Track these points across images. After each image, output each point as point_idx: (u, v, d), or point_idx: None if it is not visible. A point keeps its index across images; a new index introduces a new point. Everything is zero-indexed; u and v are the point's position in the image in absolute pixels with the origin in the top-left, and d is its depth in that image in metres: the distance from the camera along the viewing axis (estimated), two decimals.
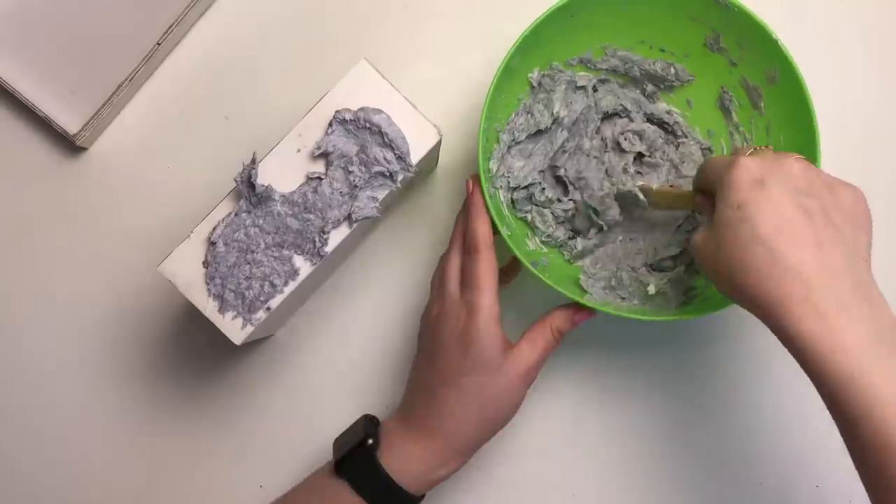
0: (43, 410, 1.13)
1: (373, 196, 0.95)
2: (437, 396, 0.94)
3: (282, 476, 1.12)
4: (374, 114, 0.95)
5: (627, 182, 1.05)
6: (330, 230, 0.94)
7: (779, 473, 1.13)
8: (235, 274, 0.94)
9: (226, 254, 0.94)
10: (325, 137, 0.94)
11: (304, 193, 0.94)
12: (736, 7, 1.01)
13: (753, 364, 1.13)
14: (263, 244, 0.94)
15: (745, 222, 0.79)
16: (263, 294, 0.94)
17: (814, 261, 0.78)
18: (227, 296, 0.94)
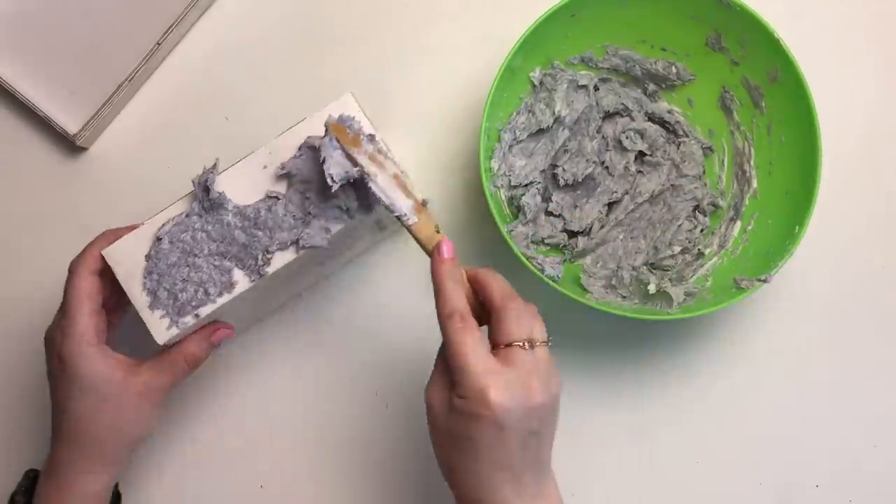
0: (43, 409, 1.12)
1: (325, 227, 0.94)
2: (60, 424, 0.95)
3: (282, 476, 1.12)
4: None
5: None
6: (275, 251, 0.93)
7: (779, 473, 1.12)
8: (173, 274, 0.93)
9: (168, 252, 0.93)
10: (291, 160, 0.94)
11: (257, 209, 0.93)
12: (738, 6, 1.01)
13: (753, 364, 1.13)
14: (207, 250, 0.93)
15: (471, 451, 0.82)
16: (196, 300, 0.93)
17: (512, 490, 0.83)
18: (161, 293, 0.93)
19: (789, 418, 1.13)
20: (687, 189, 1.10)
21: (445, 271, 0.87)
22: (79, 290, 0.93)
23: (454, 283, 0.87)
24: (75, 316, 0.92)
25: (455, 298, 0.86)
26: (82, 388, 0.92)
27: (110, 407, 0.94)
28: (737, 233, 1.08)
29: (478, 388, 0.81)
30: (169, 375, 0.96)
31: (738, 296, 0.98)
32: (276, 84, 1.15)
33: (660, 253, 1.09)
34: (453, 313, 0.85)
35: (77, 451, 0.95)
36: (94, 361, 0.92)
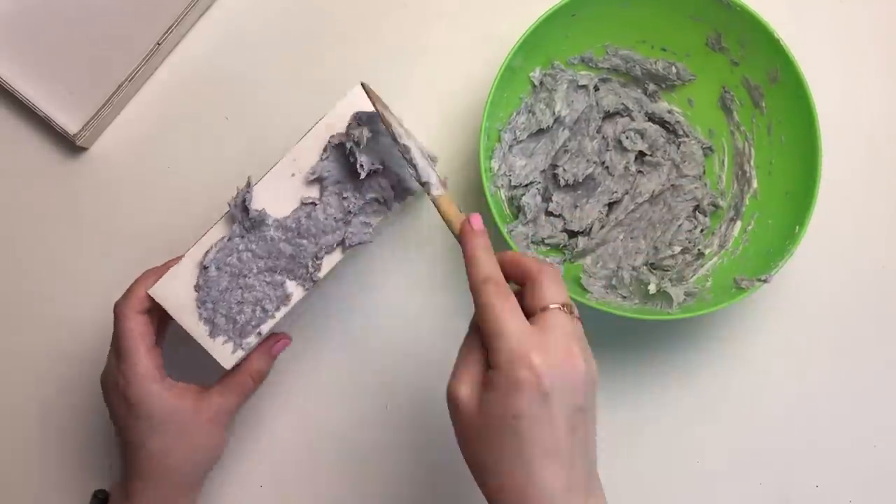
0: (43, 409, 1.13)
1: (366, 222, 0.95)
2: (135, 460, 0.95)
3: (282, 476, 1.12)
4: (369, 138, 0.94)
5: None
6: (323, 256, 0.94)
7: (779, 473, 1.12)
8: (227, 298, 0.93)
9: (218, 278, 0.93)
10: (319, 163, 0.94)
11: (297, 219, 0.94)
12: (738, 6, 1.01)
13: (753, 364, 1.13)
14: (256, 269, 0.94)
15: (515, 435, 0.76)
16: (255, 319, 0.94)
17: (563, 482, 0.76)
18: (218, 320, 0.93)
19: (789, 418, 1.13)
20: (687, 189, 1.10)
21: (478, 242, 0.85)
22: (131, 332, 0.93)
23: (487, 252, 0.84)
24: (133, 358, 0.93)
25: (489, 264, 0.83)
26: (154, 426, 0.94)
27: (185, 438, 0.95)
28: (737, 233, 1.08)
29: (519, 351, 0.76)
30: (237, 396, 0.98)
31: (738, 296, 0.98)
32: (276, 84, 1.15)
33: (660, 253, 1.09)
34: (488, 278, 0.81)
35: (155, 484, 0.96)
36: (162, 399, 0.93)
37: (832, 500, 1.13)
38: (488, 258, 0.83)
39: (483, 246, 0.84)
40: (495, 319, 0.78)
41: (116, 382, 0.94)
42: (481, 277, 0.82)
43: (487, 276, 0.82)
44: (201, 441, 0.97)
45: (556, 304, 0.80)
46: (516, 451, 0.76)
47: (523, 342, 0.76)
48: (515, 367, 0.76)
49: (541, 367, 0.75)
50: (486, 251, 0.84)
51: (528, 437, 0.75)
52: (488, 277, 0.81)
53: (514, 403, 0.75)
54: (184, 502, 0.99)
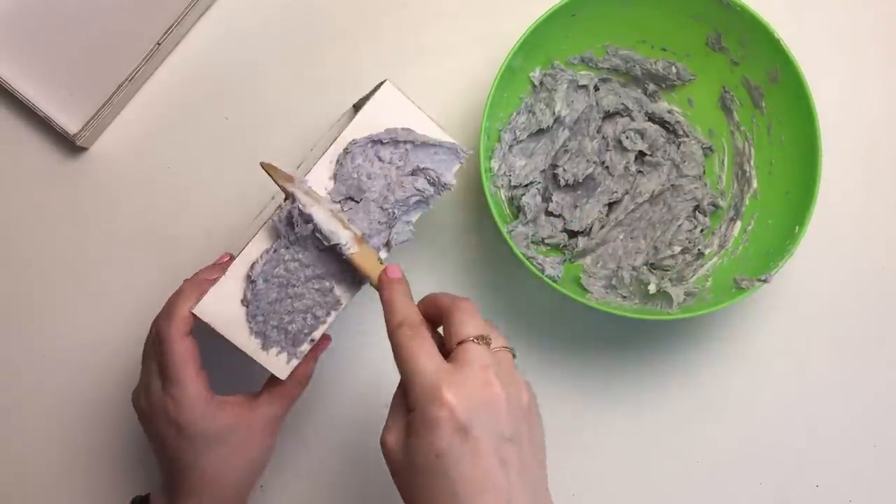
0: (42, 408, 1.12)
1: (408, 220, 0.94)
2: (185, 480, 0.94)
3: (282, 476, 1.12)
4: (407, 140, 0.94)
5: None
6: None
7: (779, 473, 1.13)
8: (277, 310, 0.92)
9: (266, 290, 0.92)
10: (359, 164, 0.94)
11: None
12: (738, 6, 1.01)
13: (753, 364, 1.13)
14: (303, 277, 0.92)
15: (442, 476, 0.73)
16: (307, 327, 0.93)
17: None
18: (270, 332, 0.92)
19: (789, 418, 1.13)
20: (687, 189, 1.10)
21: (394, 288, 0.85)
22: (180, 356, 0.90)
23: (403, 297, 0.84)
24: (184, 383, 0.90)
25: (404, 309, 0.82)
26: (210, 445, 0.92)
27: (239, 453, 0.94)
28: (737, 233, 1.08)
29: (430, 389, 0.75)
30: (286, 402, 0.97)
31: (738, 296, 0.98)
32: (276, 84, 1.15)
33: (660, 253, 1.09)
34: (402, 322, 0.81)
35: (209, 498, 0.94)
36: (215, 419, 0.92)
37: (832, 500, 1.13)
38: (404, 303, 0.83)
39: (399, 292, 0.84)
40: (408, 361, 0.77)
41: (165, 407, 0.91)
42: (395, 322, 0.81)
43: (401, 320, 0.81)
44: (254, 452, 0.96)
45: (470, 338, 0.78)
46: (449, 493, 0.73)
47: (435, 380, 0.75)
48: (429, 405, 0.74)
49: (454, 402, 0.73)
50: (402, 296, 0.84)
51: (455, 475, 0.73)
52: (402, 321, 0.81)
53: (434, 442, 0.74)
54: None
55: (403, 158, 0.93)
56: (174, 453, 0.93)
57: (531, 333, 1.13)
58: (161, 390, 0.92)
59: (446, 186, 0.94)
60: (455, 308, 0.81)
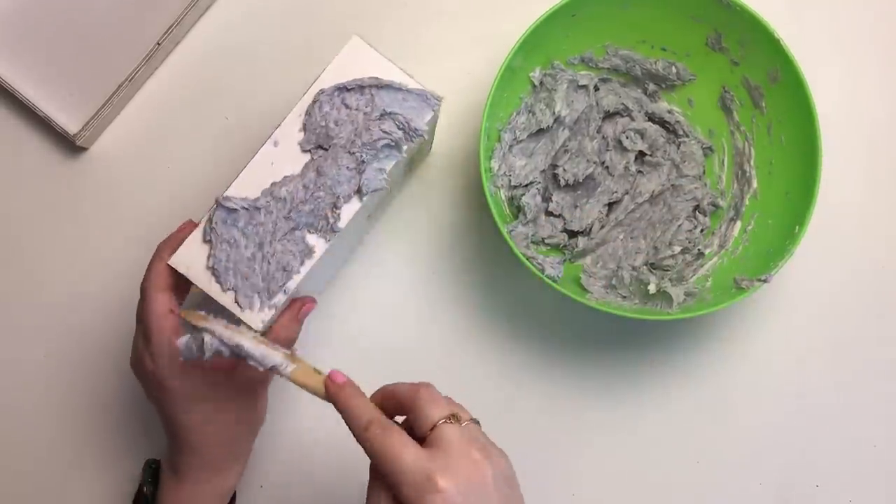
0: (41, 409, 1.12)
1: (380, 168, 0.94)
2: (177, 436, 0.95)
3: (282, 476, 1.12)
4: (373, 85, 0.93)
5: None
6: (342, 205, 0.93)
7: (779, 473, 1.12)
8: (250, 263, 0.92)
9: (237, 242, 0.92)
10: (326, 112, 0.93)
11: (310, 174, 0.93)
12: (738, 6, 1.01)
13: (753, 364, 1.13)
14: (275, 228, 0.92)
15: None
16: (281, 277, 0.93)
17: None
18: (242, 283, 0.92)
19: (789, 418, 1.13)
20: (687, 189, 1.10)
21: (346, 393, 0.84)
22: (155, 312, 0.91)
23: (359, 399, 0.83)
24: (159, 337, 0.90)
25: (365, 411, 0.82)
26: (189, 401, 0.92)
27: (221, 410, 0.94)
28: (737, 233, 1.08)
29: (422, 481, 0.75)
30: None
31: (738, 296, 0.98)
32: (275, 84, 1.15)
33: (660, 253, 1.09)
34: (370, 422, 0.80)
35: (202, 457, 0.95)
36: (193, 375, 0.92)
37: (832, 500, 1.13)
38: (362, 403, 0.83)
39: (352, 395, 0.83)
40: (390, 459, 0.78)
41: (144, 363, 0.92)
42: (362, 424, 0.81)
43: (368, 420, 0.81)
44: (237, 412, 0.96)
45: (441, 419, 0.79)
46: None
47: (425, 471, 0.76)
48: (424, 497, 0.75)
49: (449, 489, 0.75)
50: (357, 398, 0.83)
51: None
52: (369, 422, 0.81)
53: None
54: (230, 472, 0.98)
55: (370, 104, 0.92)
56: (164, 410, 0.94)
57: (531, 333, 1.13)
58: (143, 348, 0.92)
59: (417, 132, 0.93)
60: (417, 395, 0.81)
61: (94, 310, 1.13)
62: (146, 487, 1.00)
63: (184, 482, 0.96)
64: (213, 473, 0.97)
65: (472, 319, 1.13)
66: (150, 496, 0.99)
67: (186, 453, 0.95)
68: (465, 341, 1.12)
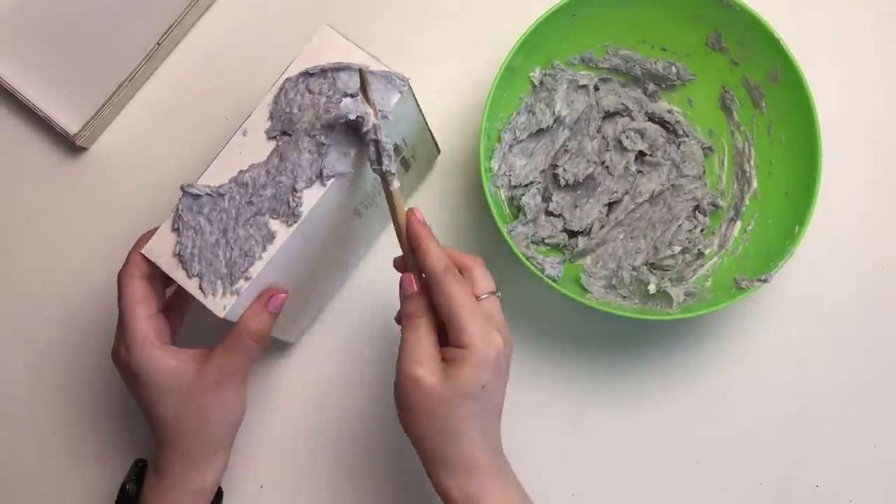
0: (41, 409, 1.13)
1: (344, 151, 0.93)
2: (154, 429, 0.95)
3: (282, 476, 1.12)
4: (335, 68, 0.93)
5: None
6: (302, 188, 0.92)
7: (779, 473, 1.12)
8: (214, 249, 0.92)
9: (203, 230, 0.92)
10: (291, 98, 0.93)
11: (273, 160, 0.92)
12: (738, 6, 1.01)
13: (753, 364, 1.13)
14: (238, 215, 0.92)
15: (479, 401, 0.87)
16: (244, 263, 0.92)
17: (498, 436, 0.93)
18: (205, 270, 0.92)
19: (789, 418, 1.13)
20: (687, 189, 1.10)
21: (428, 233, 0.90)
22: (129, 298, 0.91)
23: (436, 243, 0.90)
24: (131, 323, 0.90)
25: (444, 255, 0.89)
26: (161, 392, 0.92)
27: (193, 402, 0.93)
28: (737, 233, 1.08)
29: (486, 332, 0.86)
30: (240, 356, 0.94)
31: (738, 296, 0.98)
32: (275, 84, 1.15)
33: (660, 253, 1.09)
34: (448, 268, 0.88)
35: (179, 451, 0.95)
36: (163, 363, 0.91)
37: (832, 500, 1.12)
38: (439, 249, 0.89)
39: (431, 237, 0.90)
40: (463, 305, 0.87)
41: (120, 353, 0.92)
42: (441, 267, 0.88)
43: (446, 265, 0.88)
44: (211, 404, 0.94)
45: (490, 292, 0.91)
46: (476, 415, 0.87)
47: (486, 326, 0.87)
48: (486, 345, 0.86)
49: (500, 347, 0.87)
50: (435, 242, 0.90)
51: (488, 401, 0.88)
52: (448, 267, 0.88)
53: (483, 375, 0.86)
54: (210, 467, 0.97)
55: (332, 87, 0.92)
56: (140, 403, 0.94)
57: (531, 333, 1.13)
58: (118, 336, 0.93)
59: (382, 114, 0.93)
60: (476, 265, 0.93)
61: (94, 309, 1.13)
62: (129, 485, 0.99)
63: (163, 478, 0.96)
64: (191, 468, 0.96)
65: None
66: (132, 494, 0.99)
67: (164, 448, 0.95)
68: None
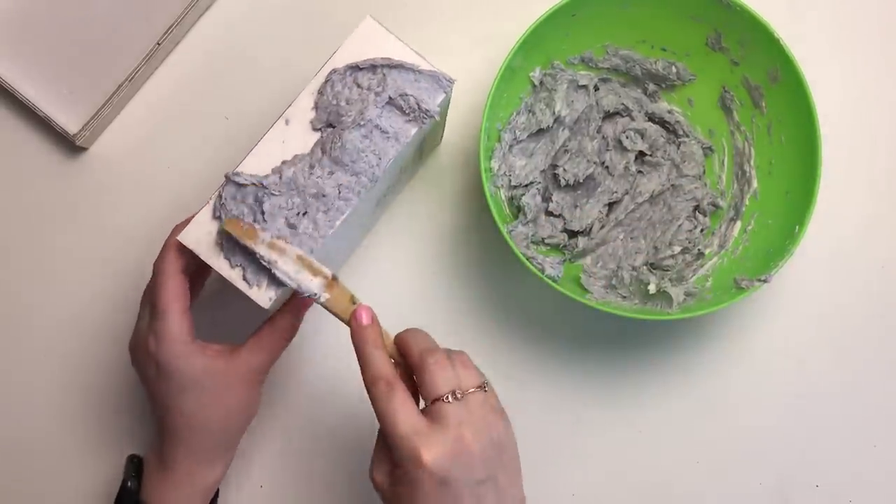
0: (41, 409, 1.12)
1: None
2: (167, 423, 0.95)
3: (282, 476, 1.12)
4: (385, 65, 0.93)
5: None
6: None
7: (779, 473, 1.12)
8: None
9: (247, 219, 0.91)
10: (338, 91, 0.93)
11: (317, 152, 0.92)
12: (738, 6, 1.01)
13: (753, 364, 1.13)
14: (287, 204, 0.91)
15: None
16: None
17: None
18: (251, 262, 0.91)
19: (789, 418, 1.13)
20: (687, 189, 1.10)
21: (364, 338, 0.87)
22: (168, 292, 0.91)
23: (375, 349, 0.86)
24: (167, 317, 0.91)
25: (377, 364, 0.86)
26: (186, 387, 0.92)
27: (216, 398, 0.94)
28: (737, 233, 1.08)
29: (409, 452, 0.81)
30: (268, 353, 0.95)
31: (737, 296, 0.98)
32: (275, 83, 1.15)
33: (660, 253, 1.09)
34: (377, 379, 0.85)
35: (191, 446, 0.95)
36: (194, 358, 0.92)
37: (832, 500, 1.13)
38: (376, 354, 0.86)
39: (370, 342, 0.87)
40: (386, 420, 0.83)
41: (146, 342, 0.92)
42: (370, 378, 0.85)
43: (375, 376, 0.85)
44: (233, 401, 0.95)
45: (442, 396, 0.83)
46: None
47: (411, 442, 0.81)
48: (411, 466, 0.81)
49: (433, 463, 0.80)
50: (373, 347, 0.87)
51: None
52: (376, 377, 0.85)
53: (416, 495, 0.82)
54: (218, 464, 0.98)
55: (381, 84, 0.92)
56: (155, 395, 0.95)
57: (531, 333, 1.13)
58: (146, 326, 0.93)
59: (428, 113, 0.92)
60: (424, 366, 0.85)
61: (94, 309, 1.13)
62: (130, 482, 0.99)
63: (169, 471, 0.96)
64: (199, 464, 0.96)
65: (471, 319, 1.13)
66: (134, 490, 0.99)
67: (175, 442, 0.95)
68: (465, 341, 1.11)
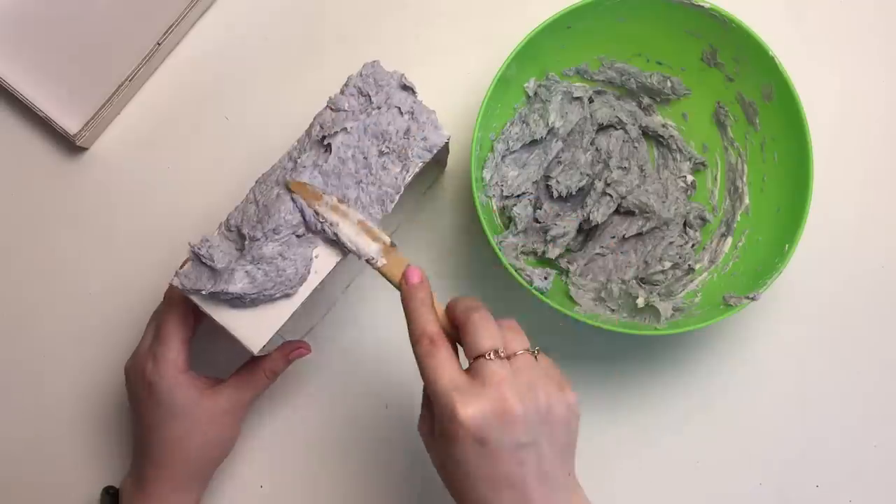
0: (42, 410, 1.14)
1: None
2: (149, 447, 0.98)
3: (282, 476, 1.13)
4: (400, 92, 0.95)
5: None
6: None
7: (779, 473, 1.13)
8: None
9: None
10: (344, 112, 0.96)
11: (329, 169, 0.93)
12: (734, 23, 1.00)
13: (753, 364, 1.13)
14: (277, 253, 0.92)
15: (464, 473, 0.80)
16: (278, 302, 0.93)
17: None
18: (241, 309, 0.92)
19: (789, 418, 1.13)
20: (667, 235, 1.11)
21: (413, 295, 0.87)
22: (175, 319, 0.96)
23: (422, 306, 0.86)
24: (169, 344, 0.95)
25: (422, 321, 0.85)
26: (174, 414, 0.96)
27: (200, 428, 0.98)
28: (727, 249, 1.07)
29: (446, 407, 0.79)
30: (250, 390, 1.00)
31: (726, 312, 0.98)
32: (276, 84, 1.15)
33: (650, 268, 1.09)
34: (421, 336, 0.84)
35: (169, 472, 0.98)
36: (185, 388, 0.96)
37: (832, 500, 1.13)
38: (421, 313, 0.86)
39: (418, 300, 0.87)
40: (426, 376, 0.83)
41: (144, 363, 0.96)
42: (415, 335, 0.85)
43: (421, 332, 0.85)
44: (216, 433, 0.99)
45: (484, 353, 0.82)
46: (471, 486, 0.80)
47: (451, 398, 0.79)
48: (447, 421, 0.79)
49: (469, 420, 0.78)
50: (420, 305, 0.87)
51: (475, 473, 0.79)
52: (422, 334, 0.85)
53: (454, 452, 0.80)
54: (192, 493, 1.01)
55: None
56: (143, 418, 0.98)
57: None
58: (147, 348, 0.97)
59: (428, 149, 0.94)
60: (468, 322, 0.84)
61: (94, 310, 1.14)
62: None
63: (145, 495, 0.99)
64: (174, 491, 0.99)
65: None
66: None
67: (153, 467, 0.98)
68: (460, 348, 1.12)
